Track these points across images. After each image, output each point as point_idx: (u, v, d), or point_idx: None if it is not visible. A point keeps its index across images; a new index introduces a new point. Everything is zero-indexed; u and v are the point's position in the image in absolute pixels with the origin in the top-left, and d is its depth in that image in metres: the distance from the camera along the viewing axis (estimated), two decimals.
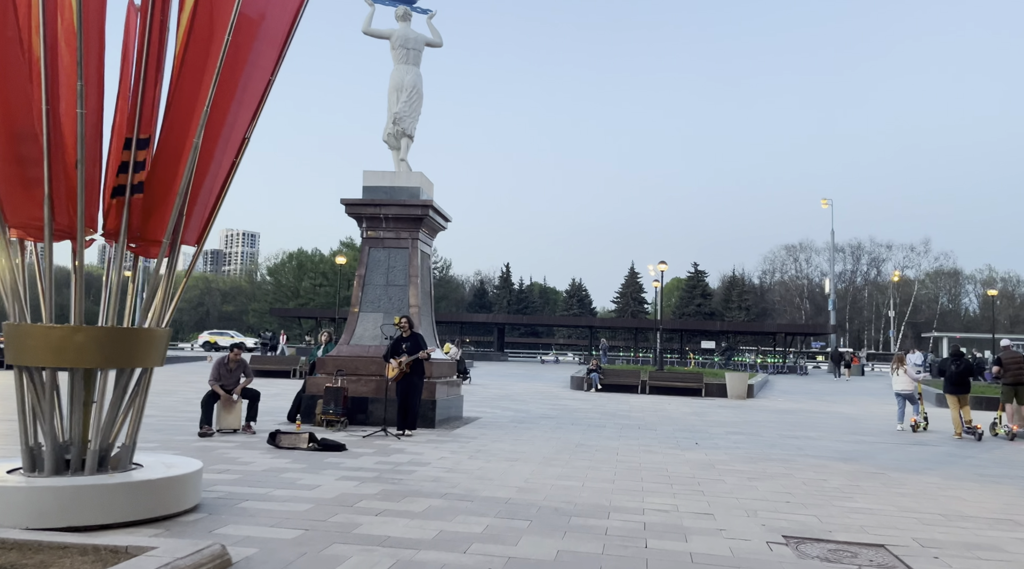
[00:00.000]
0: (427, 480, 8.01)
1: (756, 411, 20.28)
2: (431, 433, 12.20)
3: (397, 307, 13.58)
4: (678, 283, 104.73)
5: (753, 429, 15.15)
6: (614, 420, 16.00)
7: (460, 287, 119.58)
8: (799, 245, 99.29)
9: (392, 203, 13.74)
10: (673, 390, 26.65)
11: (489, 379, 31.32)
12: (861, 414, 20.58)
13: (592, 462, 9.80)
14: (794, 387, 32.73)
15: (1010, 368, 15.87)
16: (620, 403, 21.33)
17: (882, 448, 12.62)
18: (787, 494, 8.03)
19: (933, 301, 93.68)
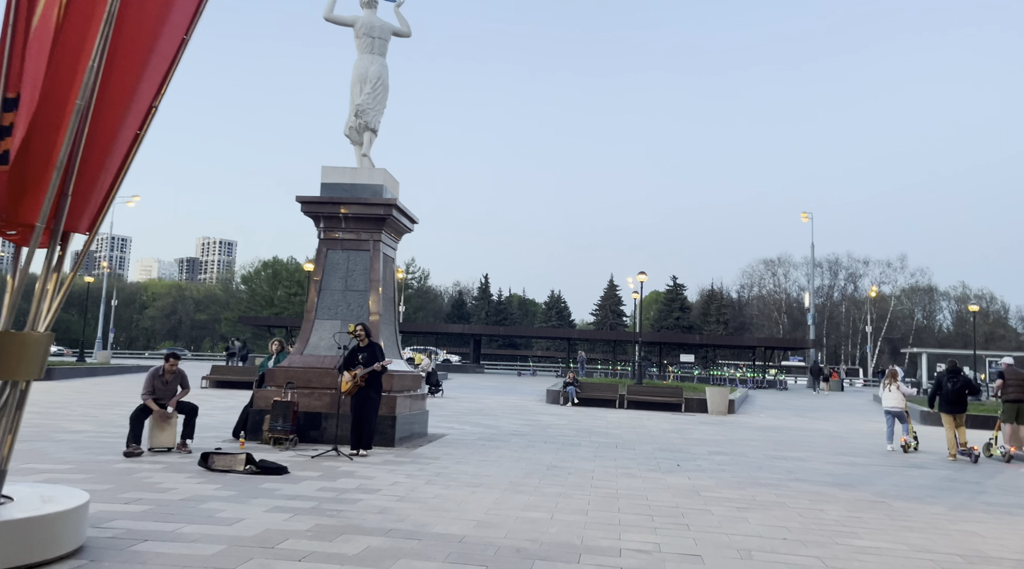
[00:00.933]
0: (372, 511, 6.94)
1: (739, 428, 19.39)
2: (389, 453, 11.11)
3: (356, 314, 12.51)
4: (657, 296, 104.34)
5: (737, 449, 14.23)
6: (590, 438, 15.01)
7: (438, 298, 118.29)
8: (777, 259, 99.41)
9: (353, 201, 12.70)
10: (652, 405, 25.72)
11: (462, 392, 30.20)
12: (846, 432, 19.77)
13: (564, 488, 8.79)
14: (775, 403, 31.97)
15: (1012, 385, 15.08)
16: (597, 419, 20.34)
17: (877, 471, 11.74)
18: (783, 529, 7.07)
19: (908, 317, 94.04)
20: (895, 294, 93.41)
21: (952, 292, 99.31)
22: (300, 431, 11.61)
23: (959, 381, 14.63)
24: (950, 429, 14.20)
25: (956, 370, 14.98)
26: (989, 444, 15.04)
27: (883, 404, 15.68)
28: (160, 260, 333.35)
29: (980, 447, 14.76)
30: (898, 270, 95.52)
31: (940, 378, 14.87)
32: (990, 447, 14.96)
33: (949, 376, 14.78)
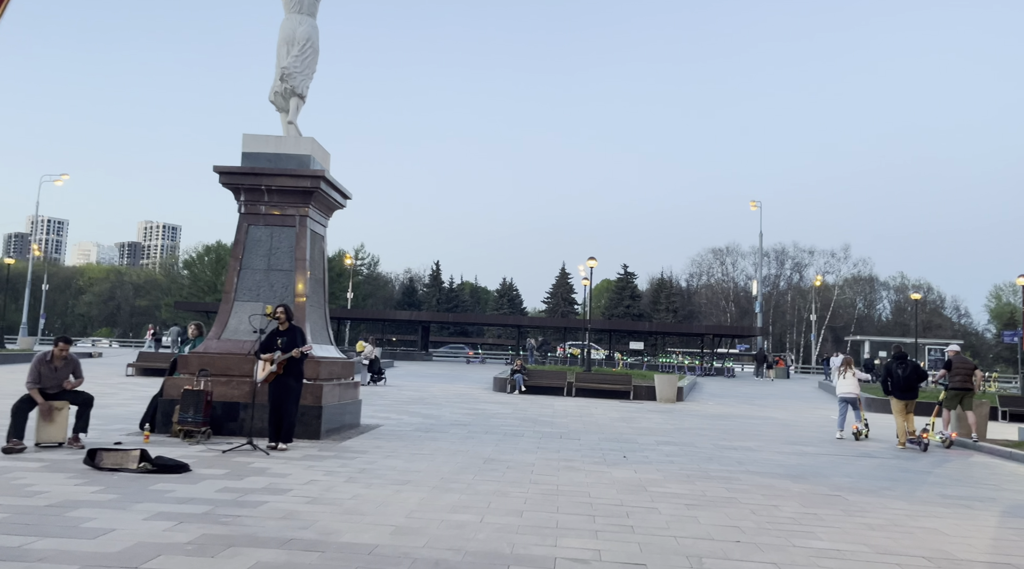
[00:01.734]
0: (275, 516, 6.05)
1: (687, 416, 18.96)
2: (312, 446, 10.18)
3: (281, 296, 11.49)
4: (608, 285, 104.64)
5: (686, 438, 13.69)
6: (534, 428, 14.29)
7: (389, 285, 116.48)
8: (726, 249, 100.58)
9: (277, 173, 11.64)
10: (601, 392, 25.23)
11: (407, 380, 29.25)
12: (794, 419, 19.53)
13: (500, 485, 8.02)
14: (723, 390, 31.88)
15: (959, 374, 14.93)
16: (543, 407, 19.68)
17: (829, 462, 11.29)
18: (735, 529, 6.43)
19: (851, 306, 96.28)
20: (838, 284, 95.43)
21: (892, 282, 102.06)
22: (215, 423, 10.58)
23: (908, 367, 14.37)
24: (900, 416, 13.92)
25: (902, 356, 14.73)
26: (926, 430, 14.91)
27: (837, 391, 15.40)
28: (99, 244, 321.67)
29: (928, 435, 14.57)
30: (842, 260, 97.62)
31: (889, 365, 14.59)
32: (927, 432, 14.84)
33: (897, 363, 14.51)
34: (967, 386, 14.83)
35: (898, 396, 14.01)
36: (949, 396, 14.90)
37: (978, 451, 13.81)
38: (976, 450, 13.91)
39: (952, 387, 14.90)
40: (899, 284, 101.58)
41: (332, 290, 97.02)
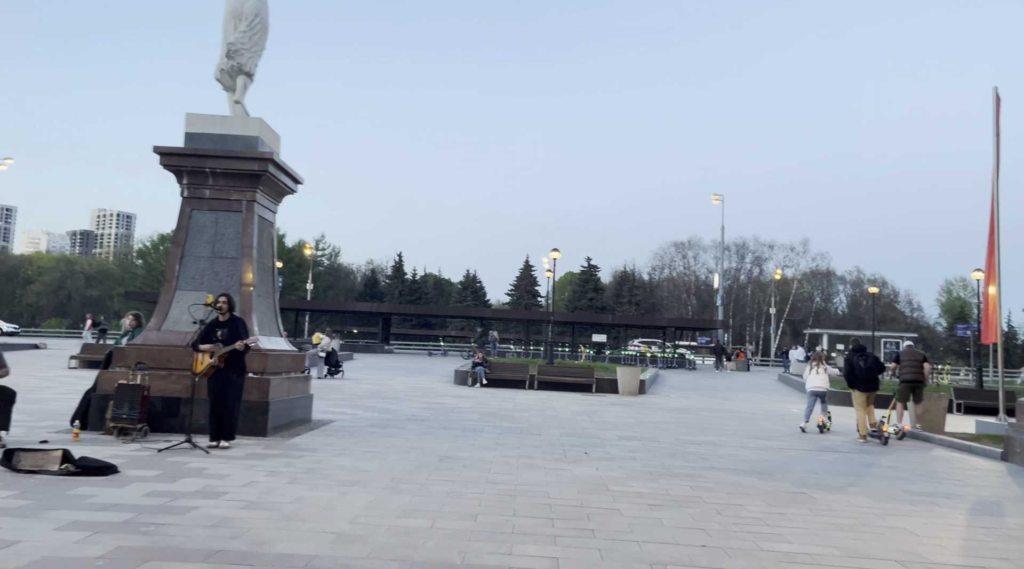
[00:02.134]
0: (205, 524, 5.53)
1: (650, 410, 18.76)
2: (258, 444, 9.62)
3: (226, 284, 10.87)
4: (571, 277, 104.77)
5: (649, 432, 13.43)
6: (494, 422, 13.89)
7: (350, 276, 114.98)
8: (688, 242, 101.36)
9: (222, 155, 10.99)
10: (563, 385, 24.96)
11: (366, 373, 28.63)
12: (756, 412, 19.49)
13: (455, 485, 7.59)
14: (685, 382, 31.90)
15: (907, 366, 15.05)
16: (505, 401, 19.30)
17: (793, 456, 11.11)
18: (701, 531, 6.10)
19: (809, 299, 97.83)
20: (797, 277, 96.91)
21: (848, 276, 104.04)
22: (155, 419, 9.96)
23: (869, 359, 14.35)
24: (862, 409, 13.87)
25: (862, 348, 14.72)
26: (882, 422, 14.94)
27: (808, 384, 15.34)
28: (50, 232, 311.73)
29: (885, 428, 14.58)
30: (801, 254, 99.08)
31: (850, 358, 14.54)
32: (883, 425, 14.87)
33: (858, 355, 14.47)
34: (917, 378, 14.93)
35: (861, 388, 13.95)
36: (900, 389, 15.02)
37: (938, 444, 13.81)
38: (936, 443, 13.91)
39: (903, 379, 15.02)
40: (855, 278, 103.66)
41: (292, 281, 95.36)
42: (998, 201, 16.45)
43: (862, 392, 13.96)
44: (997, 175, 16.46)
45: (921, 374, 15.01)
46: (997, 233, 16.47)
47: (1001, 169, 16.47)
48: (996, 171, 16.46)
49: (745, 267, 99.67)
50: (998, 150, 16.45)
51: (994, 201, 16.58)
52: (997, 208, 16.47)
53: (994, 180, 16.53)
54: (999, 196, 16.44)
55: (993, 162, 16.48)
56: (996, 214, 16.52)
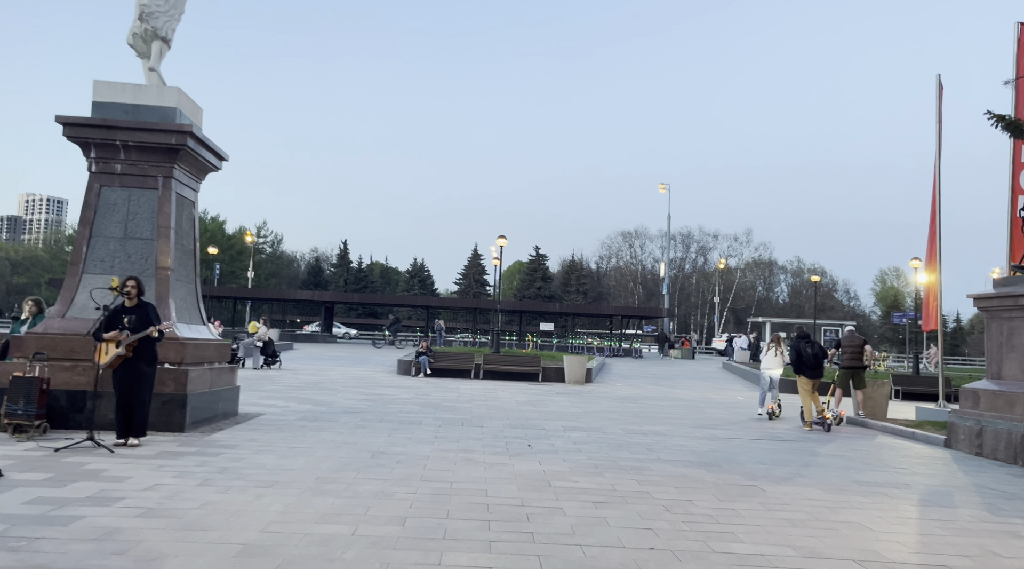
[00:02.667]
0: (87, 537, 4.82)
1: (596, 399, 18.44)
2: (174, 440, 8.84)
3: (140, 268, 9.98)
4: (520, 266, 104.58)
5: (595, 422, 13.04)
6: (435, 414, 13.31)
7: (294, 264, 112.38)
8: (634, 232, 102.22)
9: (135, 126, 10.06)
10: (509, 374, 24.51)
11: (306, 363, 27.66)
12: (702, 400, 19.37)
13: (385, 484, 6.99)
14: (631, 371, 31.85)
15: (847, 352, 15.08)
16: (448, 391, 18.72)
17: (740, 446, 10.84)
18: (649, 532, 5.66)
19: (751, 289, 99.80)
20: (740, 267, 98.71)
21: (789, 266, 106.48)
22: (59, 415, 9.07)
23: (815, 346, 14.31)
24: (808, 396, 13.78)
25: (807, 335, 14.68)
26: (824, 408, 14.95)
27: (762, 368, 15.35)
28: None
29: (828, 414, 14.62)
30: (744, 244, 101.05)
31: (797, 345, 14.44)
32: (824, 412, 14.88)
33: (804, 342, 14.39)
34: (856, 364, 14.98)
35: (808, 375, 13.87)
36: (840, 374, 15.05)
37: (881, 431, 13.80)
38: (879, 430, 13.90)
39: (842, 365, 15.05)
40: (796, 268, 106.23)
41: (232, 269, 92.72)
42: (940, 189, 16.56)
43: (809, 379, 13.88)
44: (939, 163, 16.56)
45: (860, 360, 15.08)
46: (939, 222, 16.58)
47: (944, 160, 16.58)
48: (938, 158, 16.56)
49: (690, 256, 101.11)
50: (940, 138, 16.54)
51: (935, 189, 16.69)
52: (939, 196, 16.58)
53: (936, 168, 16.63)
54: (941, 184, 16.55)
55: (935, 150, 16.57)
56: (938, 202, 16.63)
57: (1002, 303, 10.86)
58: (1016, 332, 10.64)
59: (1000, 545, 5.71)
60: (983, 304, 11.29)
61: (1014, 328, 10.68)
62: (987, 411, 10.78)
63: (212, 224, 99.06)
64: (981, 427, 10.75)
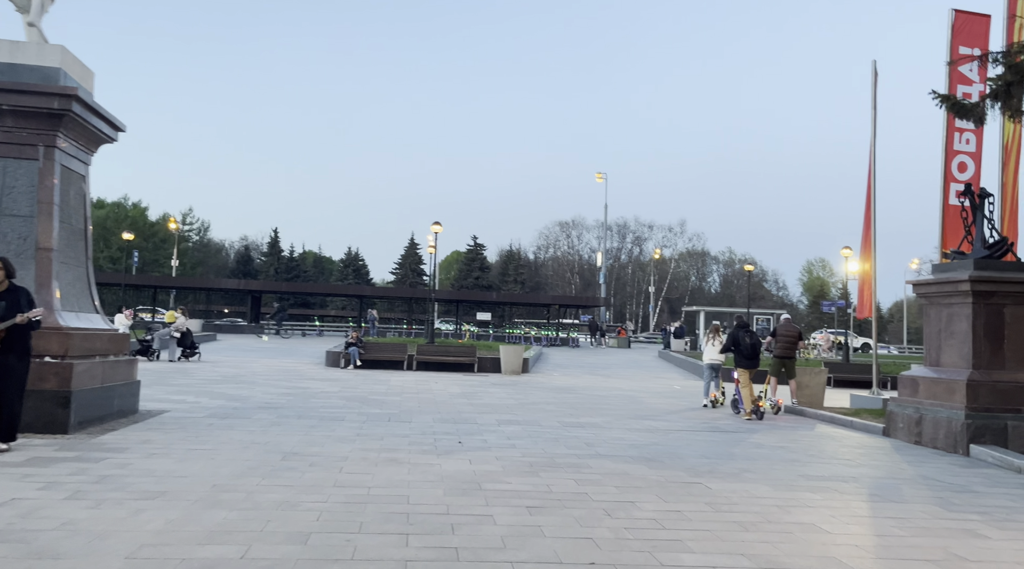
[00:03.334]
0: None
1: (532, 389, 17.87)
2: (53, 443, 7.77)
3: (17, 249, 8.79)
4: (458, 256, 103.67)
5: (531, 415, 12.43)
6: (361, 408, 12.45)
7: (222, 252, 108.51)
8: (572, 222, 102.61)
9: (10, 88, 8.83)
10: (444, 365, 23.74)
11: (229, 355, 26.26)
12: (639, 390, 19.05)
13: (292, 491, 6.17)
14: (568, 360, 31.50)
15: (782, 341, 14.96)
16: (378, 383, 17.83)
17: (681, 439, 10.39)
18: (589, 542, 5.03)
19: (685, 279, 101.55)
20: (674, 257, 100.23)
21: (721, 257, 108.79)
22: None
23: (754, 335, 14.10)
24: (747, 385, 13.53)
25: (746, 324, 14.47)
26: (759, 396, 14.81)
27: (705, 358, 15.17)
28: None
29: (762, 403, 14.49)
30: (678, 234, 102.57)
31: (735, 334, 14.18)
32: (760, 399, 14.74)
33: (743, 331, 14.13)
34: (789, 353, 14.92)
35: (745, 365, 13.63)
36: (772, 363, 14.95)
37: (818, 420, 13.63)
38: (816, 418, 13.74)
39: (776, 355, 14.96)
40: (728, 258, 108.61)
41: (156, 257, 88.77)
42: (875, 177, 16.56)
43: (746, 369, 13.65)
44: (874, 151, 16.55)
45: (794, 350, 15.02)
46: (873, 210, 16.59)
47: (879, 151, 16.57)
48: (873, 146, 16.55)
49: (626, 247, 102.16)
50: (875, 125, 16.53)
51: (870, 177, 16.68)
52: (874, 184, 16.58)
53: (871, 156, 16.62)
54: (875, 172, 16.54)
55: (871, 137, 16.55)
56: (872, 191, 16.63)
57: (941, 289, 10.70)
58: (955, 318, 10.49)
59: (962, 546, 5.31)
60: (922, 290, 11.13)
61: (953, 314, 10.53)
62: (926, 399, 10.62)
63: (133, 210, 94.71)
64: (920, 415, 10.58)
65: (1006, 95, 9.98)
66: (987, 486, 7.70)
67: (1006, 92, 9.90)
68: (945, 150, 15.41)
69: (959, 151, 15.53)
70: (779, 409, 14.13)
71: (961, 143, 15.55)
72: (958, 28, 15.44)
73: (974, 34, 15.53)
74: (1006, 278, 10.13)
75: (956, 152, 15.53)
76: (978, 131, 15.58)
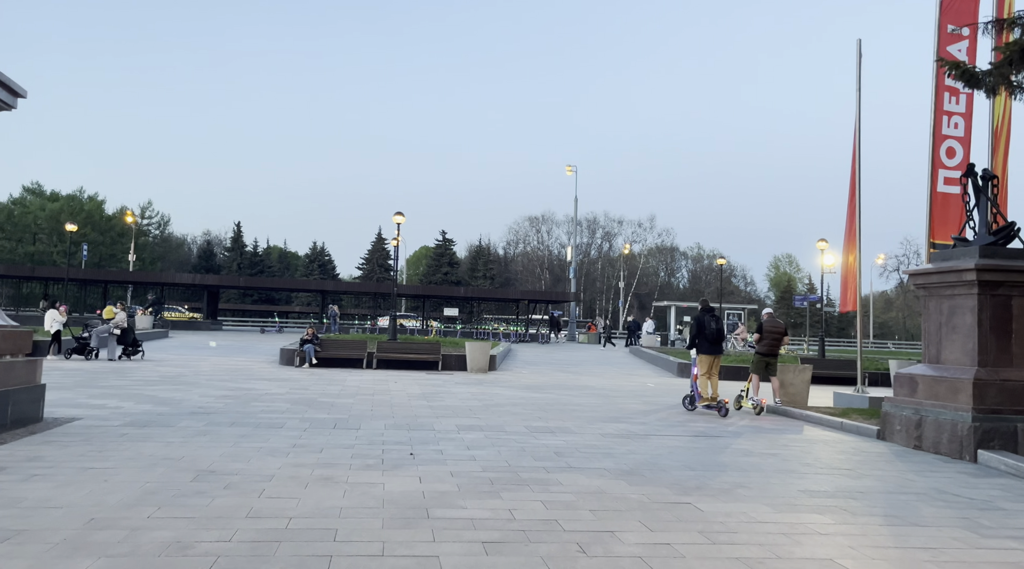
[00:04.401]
0: None
1: (499, 388, 16.74)
2: None
3: None
4: (427, 251, 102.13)
5: (495, 418, 11.30)
6: (306, 413, 11.20)
7: (183, 247, 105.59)
8: (541, 217, 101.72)
9: None
10: (407, 363, 22.50)
11: (178, 353, 24.71)
12: (612, 388, 18.03)
13: (191, 526, 4.94)
14: (537, 356, 30.43)
15: (768, 338, 14.00)
16: (332, 384, 16.55)
17: (660, 445, 9.33)
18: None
19: (654, 274, 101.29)
20: (644, 253, 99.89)
21: (690, 252, 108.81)
22: None
23: (719, 321, 13.33)
24: (708, 374, 12.84)
25: (711, 308, 13.64)
26: (740, 396, 13.88)
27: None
28: None
29: (731, 400, 13.64)
30: (648, 230, 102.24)
31: (700, 318, 13.29)
32: (741, 399, 13.80)
33: (709, 315, 13.29)
34: (774, 351, 14.01)
35: (708, 351, 12.86)
36: (756, 360, 14.00)
37: (804, 421, 12.70)
38: (801, 419, 12.81)
39: (760, 352, 14.00)
40: (696, 254, 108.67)
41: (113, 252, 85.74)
42: (859, 161, 15.72)
43: (708, 355, 12.85)
44: (858, 134, 15.71)
45: (779, 347, 14.08)
46: (858, 198, 15.76)
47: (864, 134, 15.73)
48: (857, 127, 15.71)
49: (596, 242, 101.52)
50: (859, 106, 15.68)
51: (855, 162, 15.84)
52: (859, 169, 15.74)
53: (855, 140, 15.78)
54: (860, 156, 15.70)
55: (855, 120, 15.70)
56: (857, 177, 15.79)
57: (943, 279, 9.79)
58: (958, 311, 9.58)
59: None
60: (921, 280, 10.22)
61: (956, 307, 9.63)
62: (927, 399, 9.70)
63: (89, 203, 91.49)
64: (920, 417, 9.67)
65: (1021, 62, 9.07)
66: (1011, 501, 6.77)
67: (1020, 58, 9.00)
68: (933, 135, 14.62)
69: (948, 136, 14.76)
70: (762, 409, 13.22)
71: (950, 127, 14.79)
72: (946, 5, 14.65)
73: (963, 11, 14.76)
74: (1015, 267, 9.25)
75: (945, 137, 14.76)
76: (967, 115, 14.85)
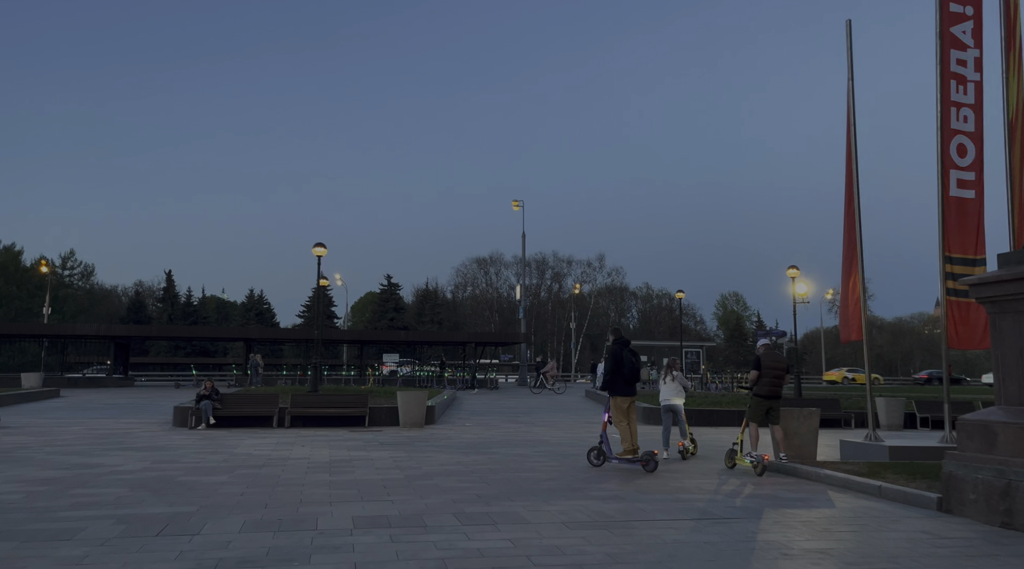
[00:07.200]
0: None
1: (432, 450, 13.47)
2: None
3: None
4: (372, 297, 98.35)
5: (415, 502, 8.08)
6: (139, 506, 7.78)
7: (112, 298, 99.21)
8: (489, 258, 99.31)
9: None
10: (327, 419, 19.00)
11: (51, 417, 20.67)
12: (570, 442, 14.90)
13: None
14: (485, 406, 27.14)
15: (770, 375, 10.87)
16: (217, 451, 13.03)
17: (656, 544, 6.25)
18: None
19: (605, 315, 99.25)
20: (594, 293, 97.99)
21: (639, 292, 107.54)
22: None
23: (636, 355, 10.90)
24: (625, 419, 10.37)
25: (626, 340, 11.19)
26: (734, 451, 11.04)
27: (661, 398, 11.54)
28: None
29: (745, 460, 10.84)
30: (597, 269, 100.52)
31: (617, 351, 10.80)
32: (735, 455, 10.99)
33: (625, 348, 10.80)
34: (777, 392, 10.90)
35: (624, 392, 10.56)
36: (754, 404, 10.88)
37: (822, 482, 9.78)
38: (818, 480, 9.89)
39: (758, 394, 10.88)
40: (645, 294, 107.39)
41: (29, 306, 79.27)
42: (856, 162, 13.30)
43: (626, 397, 10.42)
44: (852, 127, 13.32)
45: (781, 387, 11.03)
46: (857, 206, 13.29)
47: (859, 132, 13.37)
48: (850, 117, 13.32)
49: (546, 283, 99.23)
50: (852, 96, 13.34)
51: (850, 158, 13.41)
52: (856, 172, 13.31)
53: (848, 137, 13.39)
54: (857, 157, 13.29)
55: (846, 111, 13.32)
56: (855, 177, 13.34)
57: (1020, 288, 7.12)
58: None
59: None
60: (988, 292, 7.54)
61: None
62: (1014, 457, 6.91)
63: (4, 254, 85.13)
64: (1008, 482, 6.87)
65: None
66: None
67: None
68: (940, 131, 12.34)
69: (957, 130, 12.51)
70: (764, 468, 10.28)
71: (959, 122, 12.55)
72: None
73: None
74: None
75: (955, 132, 12.50)
76: (977, 107, 12.67)
